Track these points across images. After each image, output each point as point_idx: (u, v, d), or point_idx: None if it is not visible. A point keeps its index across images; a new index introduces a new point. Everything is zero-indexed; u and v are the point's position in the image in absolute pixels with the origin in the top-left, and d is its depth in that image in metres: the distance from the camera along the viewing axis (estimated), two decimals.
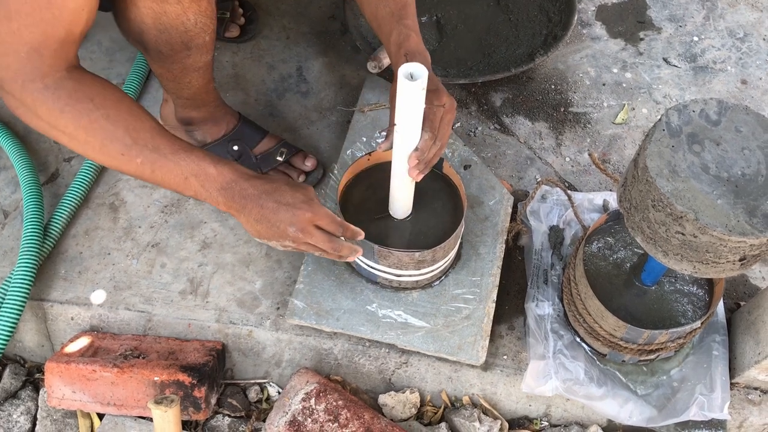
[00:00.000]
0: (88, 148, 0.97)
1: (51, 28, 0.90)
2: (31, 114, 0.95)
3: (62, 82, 0.94)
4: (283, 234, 1.03)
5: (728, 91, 1.64)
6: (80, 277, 1.33)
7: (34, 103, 0.93)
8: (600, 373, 1.20)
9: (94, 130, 0.95)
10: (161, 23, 1.08)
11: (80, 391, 1.21)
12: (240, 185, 1.01)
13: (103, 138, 0.96)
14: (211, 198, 1.02)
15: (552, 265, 1.30)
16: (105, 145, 0.96)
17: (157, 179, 1.00)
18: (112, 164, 0.99)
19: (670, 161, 0.90)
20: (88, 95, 0.95)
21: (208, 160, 1.00)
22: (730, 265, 0.91)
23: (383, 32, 1.15)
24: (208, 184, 1.00)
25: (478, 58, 1.61)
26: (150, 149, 0.97)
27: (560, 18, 1.60)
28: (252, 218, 1.03)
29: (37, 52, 0.91)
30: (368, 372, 1.27)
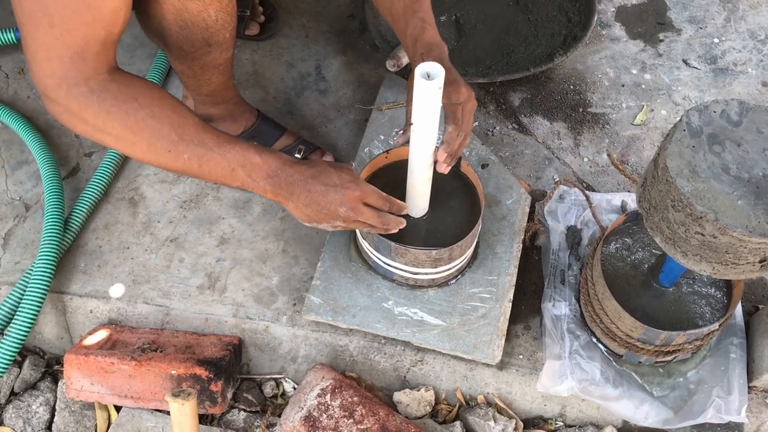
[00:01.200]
0: (135, 148, 0.98)
1: (92, 30, 0.91)
2: (76, 119, 0.95)
3: (106, 85, 0.95)
4: (334, 215, 1.05)
5: (748, 93, 1.63)
6: (99, 271, 1.34)
7: (80, 107, 0.94)
8: (616, 373, 1.19)
9: (141, 130, 0.96)
10: (182, 20, 1.09)
11: (98, 383, 1.22)
12: (286, 172, 1.02)
13: (149, 136, 0.97)
14: (258, 187, 1.03)
15: (569, 266, 1.30)
16: (152, 143, 0.97)
17: (204, 173, 1.01)
18: (159, 162, 1.00)
19: (690, 161, 0.90)
20: (133, 95, 0.96)
21: (253, 150, 1.01)
22: (750, 267, 0.91)
23: (398, 26, 1.16)
24: (255, 174, 1.02)
25: (497, 58, 1.61)
26: (196, 144, 0.99)
27: (580, 18, 1.60)
28: (301, 203, 1.04)
29: (80, 56, 0.91)
30: (383, 369, 1.27)
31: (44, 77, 0.92)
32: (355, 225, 1.08)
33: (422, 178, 1.13)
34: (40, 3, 0.87)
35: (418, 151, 1.07)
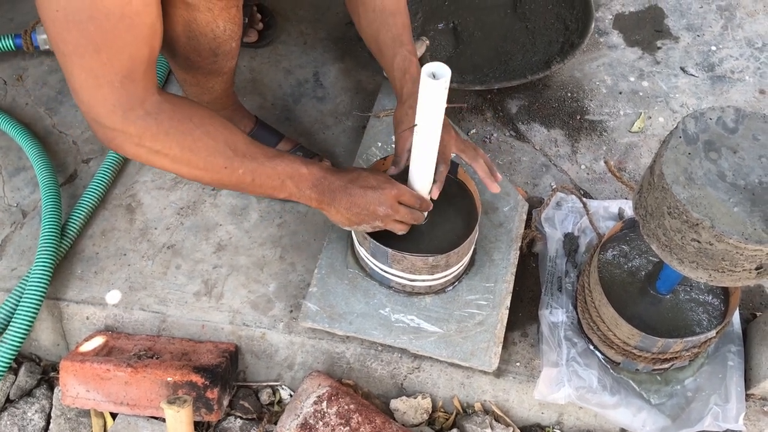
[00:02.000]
0: (191, 167, 1.00)
1: (136, 49, 0.91)
2: (131, 143, 0.96)
3: (161, 106, 0.96)
4: (373, 215, 1.09)
5: (746, 101, 1.63)
6: (96, 277, 1.34)
7: (138, 131, 0.94)
8: (613, 381, 1.19)
9: (198, 148, 0.98)
10: (191, 30, 1.09)
11: (94, 390, 1.22)
12: (328, 179, 1.08)
13: (207, 155, 0.99)
14: (304, 196, 1.08)
15: (566, 273, 1.30)
16: (209, 161, 0.99)
17: (256, 186, 1.04)
18: (214, 178, 1.02)
19: (686, 168, 0.90)
20: (187, 115, 0.98)
21: (299, 161, 1.06)
22: (747, 274, 0.90)
23: (385, 56, 1.19)
24: (302, 184, 1.06)
25: (495, 65, 1.61)
26: (249, 159, 1.02)
27: (577, 26, 1.60)
28: (342, 207, 1.08)
29: (130, 78, 0.92)
30: (380, 376, 1.27)
31: (96, 105, 0.92)
32: (392, 224, 1.12)
33: (423, 180, 1.13)
34: (83, 31, 0.87)
35: (420, 152, 1.07)
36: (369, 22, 1.21)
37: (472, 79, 1.56)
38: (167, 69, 1.61)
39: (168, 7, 1.04)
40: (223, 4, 1.07)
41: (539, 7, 1.69)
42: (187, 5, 1.04)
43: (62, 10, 0.86)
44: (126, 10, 0.88)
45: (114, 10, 0.87)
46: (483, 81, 1.55)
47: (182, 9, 1.05)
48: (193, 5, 1.04)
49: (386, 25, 1.19)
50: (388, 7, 1.19)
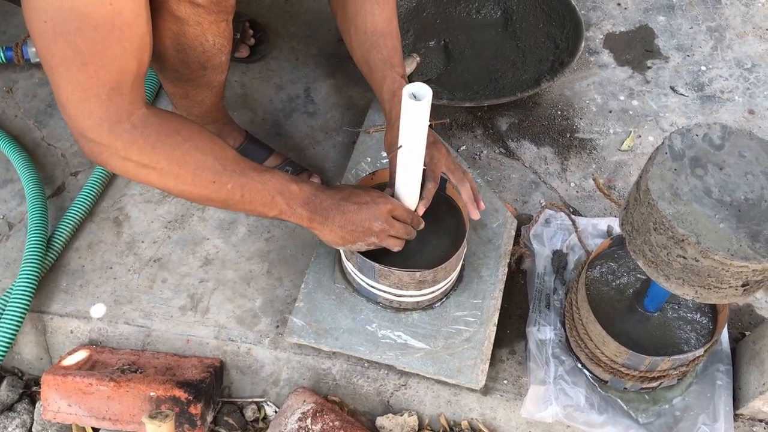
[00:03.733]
0: (179, 181, 0.97)
1: (125, 62, 0.90)
2: (118, 157, 0.94)
3: (148, 119, 0.94)
4: (369, 231, 1.07)
5: (735, 121, 1.63)
6: (81, 291, 1.33)
7: (124, 145, 0.92)
8: (601, 400, 1.18)
9: (186, 162, 0.96)
10: (180, 44, 1.09)
11: (76, 404, 1.20)
12: (319, 197, 1.06)
13: (195, 168, 0.97)
14: (295, 214, 1.05)
15: (554, 290, 1.29)
16: (197, 175, 0.97)
17: (245, 202, 1.01)
18: (202, 193, 0.99)
19: (672, 184, 0.90)
20: (175, 129, 0.96)
21: (289, 178, 1.04)
22: (733, 291, 0.90)
23: (375, 78, 1.19)
24: (293, 201, 1.04)
25: (485, 83, 1.62)
26: (238, 174, 0.99)
27: (567, 45, 1.61)
28: (336, 225, 1.06)
29: (117, 92, 0.90)
30: (366, 393, 1.26)
31: (83, 118, 0.90)
32: (387, 240, 1.10)
33: (409, 198, 1.13)
34: (70, 43, 0.85)
35: (405, 171, 1.07)
36: (360, 43, 1.21)
37: (462, 96, 1.57)
38: (157, 84, 1.61)
39: (157, 20, 1.04)
40: (213, 18, 1.07)
41: (530, 26, 1.70)
42: (177, 18, 1.04)
43: (50, 22, 0.84)
44: (116, 21, 0.87)
45: (103, 22, 0.86)
46: (473, 98, 1.55)
47: (171, 22, 1.05)
48: (183, 19, 1.04)
49: (377, 47, 1.19)
50: (379, 29, 1.19)
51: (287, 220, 1.06)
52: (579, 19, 1.63)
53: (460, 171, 1.17)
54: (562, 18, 1.66)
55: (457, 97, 1.55)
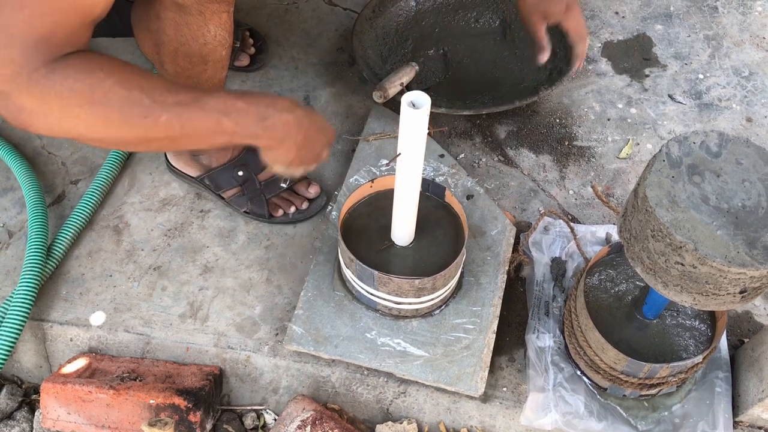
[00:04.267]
0: (109, 124, 0.87)
1: (64, 17, 0.84)
2: (38, 111, 0.85)
3: (68, 60, 0.85)
4: (318, 157, 1.07)
5: (733, 129, 1.64)
6: (81, 299, 1.33)
7: (42, 92, 0.83)
8: (600, 407, 1.18)
9: (110, 100, 0.86)
10: (182, 35, 1.09)
11: (75, 412, 1.20)
12: (276, 115, 0.97)
13: (121, 106, 0.87)
14: (248, 134, 0.96)
15: (553, 297, 1.29)
16: (125, 113, 0.87)
17: (188, 133, 0.92)
18: (138, 133, 0.90)
19: (669, 191, 0.90)
20: (97, 65, 0.87)
21: (233, 95, 0.95)
22: (731, 298, 0.90)
23: None
24: (242, 119, 0.94)
25: (484, 91, 1.62)
26: (171, 103, 0.89)
27: (565, 53, 1.62)
28: (295, 145, 1.01)
29: (46, 41, 0.83)
30: (366, 401, 1.26)
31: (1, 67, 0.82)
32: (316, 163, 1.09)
33: (408, 206, 1.13)
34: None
35: (405, 179, 1.08)
36: None
37: (461, 105, 1.57)
38: None
39: (159, 9, 1.04)
40: (215, 7, 1.08)
41: (528, 35, 1.70)
42: (179, 8, 1.04)
43: None
44: None
45: None
46: (472, 106, 1.56)
47: (173, 11, 1.05)
48: (185, 7, 1.05)
49: None
50: None
51: (239, 142, 0.98)
52: None
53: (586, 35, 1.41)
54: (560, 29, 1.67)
55: (456, 106, 1.56)
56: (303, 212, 1.42)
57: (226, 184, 1.41)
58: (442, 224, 1.25)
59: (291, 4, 1.87)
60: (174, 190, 1.48)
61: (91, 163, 1.53)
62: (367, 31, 1.65)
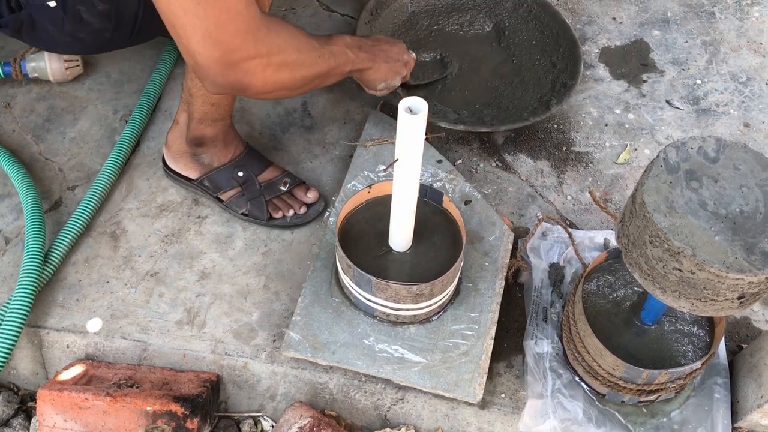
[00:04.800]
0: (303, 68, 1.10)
1: None
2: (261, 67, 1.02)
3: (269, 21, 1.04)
4: (403, 63, 1.39)
5: (731, 134, 1.64)
6: (78, 305, 1.32)
7: (268, 48, 1.02)
8: (599, 413, 1.17)
9: (304, 49, 1.11)
10: None
11: (72, 419, 1.20)
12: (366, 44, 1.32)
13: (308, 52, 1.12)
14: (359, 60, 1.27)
15: (552, 303, 1.29)
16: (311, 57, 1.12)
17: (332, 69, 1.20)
18: (313, 72, 1.14)
19: (667, 197, 0.90)
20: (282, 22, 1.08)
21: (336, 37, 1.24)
22: (729, 303, 0.90)
23: None
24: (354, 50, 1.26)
25: (486, 99, 1.60)
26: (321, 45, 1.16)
27: (566, 65, 1.61)
28: (382, 60, 1.33)
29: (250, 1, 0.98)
30: (363, 408, 1.25)
31: (230, 40, 0.97)
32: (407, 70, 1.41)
33: (406, 212, 1.13)
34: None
35: (402, 185, 1.07)
36: None
37: (469, 118, 1.53)
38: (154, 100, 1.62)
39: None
40: None
41: (523, 41, 1.70)
42: None
43: None
44: None
45: None
46: (481, 119, 1.52)
47: None
48: None
49: None
50: None
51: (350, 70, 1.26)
52: (573, 38, 1.64)
53: None
54: (555, 35, 1.67)
55: (464, 117, 1.54)
56: (301, 217, 1.41)
57: (225, 184, 1.41)
58: (440, 230, 1.25)
59: (289, 10, 1.87)
60: (171, 196, 1.48)
61: (88, 169, 1.52)
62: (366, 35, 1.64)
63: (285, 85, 1.09)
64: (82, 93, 1.67)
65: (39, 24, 1.23)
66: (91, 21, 1.21)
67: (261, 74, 1.03)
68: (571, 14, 1.90)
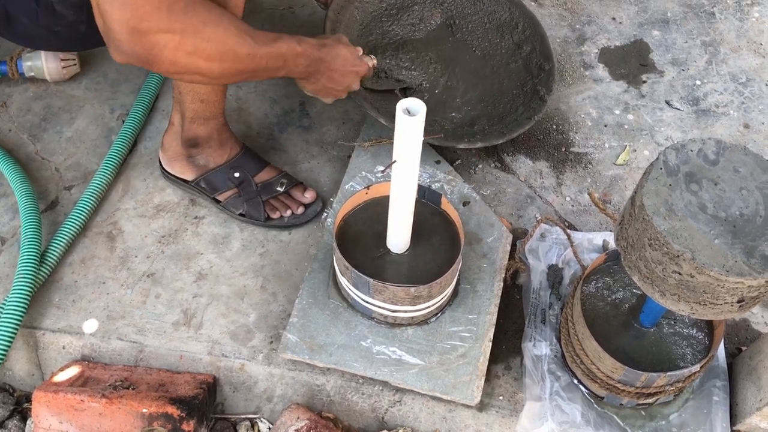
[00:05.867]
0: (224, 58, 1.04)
1: None
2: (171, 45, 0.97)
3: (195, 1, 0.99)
4: (344, 91, 1.30)
5: (730, 135, 1.64)
6: (74, 306, 1.32)
7: (182, 26, 0.97)
8: (597, 416, 1.17)
9: (228, 38, 1.03)
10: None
11: (67, 421, 1.19)
12: (315, 54, 1.21)
13: (235, 44, 1.05)
14: (296, 72, 1.20)
15: (550, 305, 1.29)
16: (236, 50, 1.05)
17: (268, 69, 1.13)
18: (239, 67, 1.08)
19: (667, 200, 0.89)
20: (209, 6, 1.02)
21: (293, 40, 1.17)
22: (728, 307, 0.90)
23: None
24: (298, 60, 1.18)
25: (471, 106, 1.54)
26: (262, 44, 1.09)
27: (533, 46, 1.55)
28: (322, 80, 1.25)
29: None
30: (361, 410, 1.25)
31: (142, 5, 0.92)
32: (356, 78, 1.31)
33: (404, 213, 1.13)
34: None
35: (400, 186, 1.07)
36: None
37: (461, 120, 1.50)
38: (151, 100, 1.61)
39: None
40: None
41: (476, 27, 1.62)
42: None
43: None
44: None
45: None
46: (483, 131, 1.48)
47: None
48: None
49: None
50: None
51: (284, 75, 1.18)
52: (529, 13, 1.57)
53: None
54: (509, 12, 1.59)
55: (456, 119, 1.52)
56: (298, 217, 1.41)
57: (222, 185, 1.40)
58: (438, 231, 1.24)
59: (287, 9, 1.87)
60: (168, 196, 1.47)
61: (85, 169, 1.52)
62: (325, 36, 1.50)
63: (199, 71, 1.04)
64: (78, 92, 1.66)
65: (13, 17, 1.22)
66: (64, 13, 1.20)
67: (170, 53, 0.98)
68: (570, 14, 1.89)
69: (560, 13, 1.89)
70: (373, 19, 1.60)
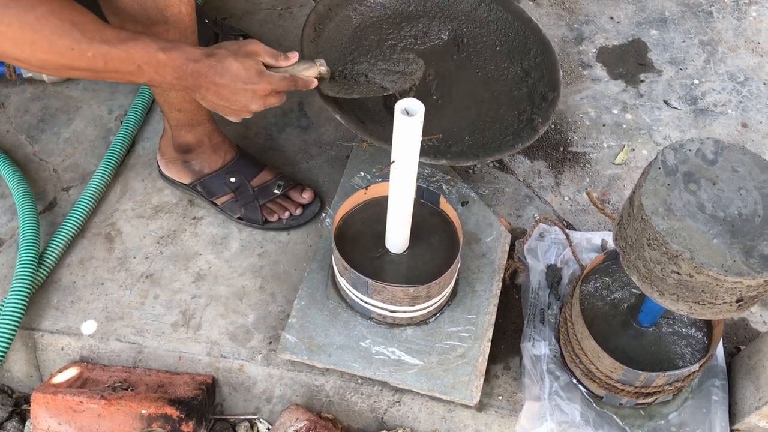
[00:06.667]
0: (35, 47, 0.92)
1: None
2: None
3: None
4: (244, 111, 1.10)
5: (728, 134, 1.64)
6: (72, 307, 1.31)
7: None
8: (596, 416, 1.17)
9: (42, 26, 0.91)
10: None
11: (66, 423, 1.19)
12: (190, 67, 1.03)
13: (51, 33, 0.92)
14: (165, 83, 1.03)
15: (549, 305, 1.29)
16: (53, 41, 0.93)
17: (110, 71, 0.99)
18: (62, 61, 0.95)
19: (665, 200, 0.89)
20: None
21: (155, 45, 1.00)
22: (727, 307, 0.90)
23: None
24: (161, 70, 1.01)
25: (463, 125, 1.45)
26: (99, 41, 0.95)
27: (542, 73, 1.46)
28: (210, 97, 1.07)
29: None
30: (360, 410, 1.25)
31: None
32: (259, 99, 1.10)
33: (403, 214, 1.13)
34: None
35: (399, 187, 1.07)
36: None
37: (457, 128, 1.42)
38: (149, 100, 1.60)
39: None
40: None
41: (485, 48, 1.53)
42: None
43: None
44: None
45: None
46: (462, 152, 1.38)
47: None
48: None
49: None
50: None
51: (152, 83, 1.04)
52: (545, 40, 1.48)
53: None
54: (523, 37, 1.50)
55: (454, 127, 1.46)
56: (297, 218, 1.41)
57: (218, 190, 1.40)
58: (437, 231, 1.24)
59: (285, 9, 1.86)
60: (167, 197, 1.47)
61: (83, 170, 1.52)
62: (313, 54, 1.37)
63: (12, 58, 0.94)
64: (76, 93, 1.66)
65: None
66: None
67: None
68: (568, 13, 1.89)
69: (558, 13, 1.89)
70: (372, 24, 1.52)
